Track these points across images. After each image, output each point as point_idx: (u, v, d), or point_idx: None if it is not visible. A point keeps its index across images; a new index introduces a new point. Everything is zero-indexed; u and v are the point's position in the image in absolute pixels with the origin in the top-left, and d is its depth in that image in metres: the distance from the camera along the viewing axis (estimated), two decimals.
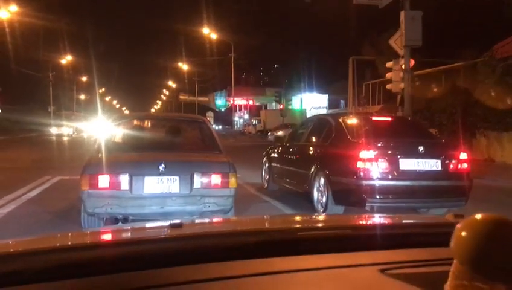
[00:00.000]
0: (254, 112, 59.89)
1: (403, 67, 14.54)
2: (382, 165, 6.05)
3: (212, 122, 61.14)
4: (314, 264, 1.10)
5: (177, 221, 1.40)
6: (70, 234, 1.53)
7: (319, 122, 8.03)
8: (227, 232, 1.49)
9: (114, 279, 0.99)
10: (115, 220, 5.06)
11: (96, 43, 61.51)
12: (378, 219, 1.96)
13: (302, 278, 1.04)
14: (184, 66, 59.25)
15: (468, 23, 27.29)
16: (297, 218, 2.30)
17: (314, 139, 7.72)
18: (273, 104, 52.18)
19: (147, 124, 7.33)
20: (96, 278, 0.98)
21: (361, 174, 6.03)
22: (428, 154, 6.23)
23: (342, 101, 42.34)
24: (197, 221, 2.52)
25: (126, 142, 6.10)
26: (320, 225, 1.85)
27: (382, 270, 1.07)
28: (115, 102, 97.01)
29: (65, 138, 33.37)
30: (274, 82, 52.39)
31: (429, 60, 20.88)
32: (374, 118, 7.71)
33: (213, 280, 1.00)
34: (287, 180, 8.19)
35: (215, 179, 5.11)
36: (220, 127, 60.02)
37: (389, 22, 16.58)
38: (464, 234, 0.73)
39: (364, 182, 6.04)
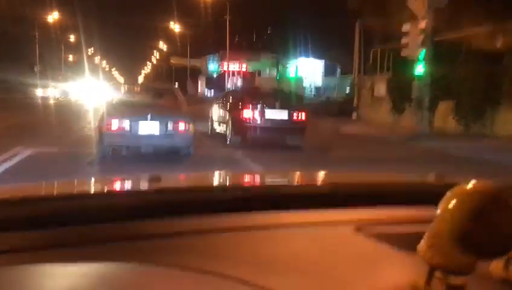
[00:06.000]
0: (248, 79, 58.03)
1: (423, 31, 13.18)
2: (256, 114, 11.19)
3: (204, 86, 59.90)
4: (286, 220, 1.09)
5: (157, 174, 1.36)
6: (44, 185, 1.41)
7: (234, 92, 17.23)
8: (204, 187, 1.46)
9: (88, 230, 0.98)
10: (119, 149, 8.47)
11: (85, 1, 58.99)
12: (356, 176, 1.97)
13: (274, 235, 1.03)
14: (176, 27, 57.06)
15: None
16: (274, 174, 2.34)
17: (231, 100, 12.49)
18: (267, 70, 50.55)
19: (136, 90, 10.98)
20: (71, 228, 0.97)
21: (250, 118, 11.16)
22: (281, 106, 11.42)
23: (338, 69, 40.71)
24: (178, 176, 2.73)
25: (124, 103, 9.27)
26: (297, 181, 1.78)
27: (357, 228, 1.05)
28: (104, 63, 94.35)
29: (51, 102, 31.45)
30: (269, 47, 50.33)
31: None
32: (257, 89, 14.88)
33: (180, 234, 1.00)
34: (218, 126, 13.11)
35: (181, 126, 8.46)
36: (213, 93, 58.06)
37: None
38: (453, 202, 0.71)
39: (249, 124, 11.18)
